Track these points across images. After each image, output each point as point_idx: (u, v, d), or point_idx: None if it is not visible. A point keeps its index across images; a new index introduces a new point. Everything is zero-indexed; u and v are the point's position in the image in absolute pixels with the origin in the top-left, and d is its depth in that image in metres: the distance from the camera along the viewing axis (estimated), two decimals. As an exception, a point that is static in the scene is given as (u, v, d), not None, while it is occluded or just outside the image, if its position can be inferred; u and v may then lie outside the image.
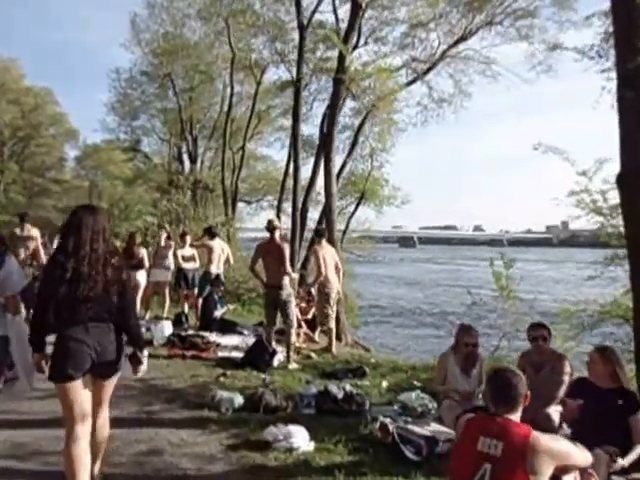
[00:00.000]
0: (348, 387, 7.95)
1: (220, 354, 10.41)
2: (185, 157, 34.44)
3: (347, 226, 25.52)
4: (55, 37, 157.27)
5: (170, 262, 13.91)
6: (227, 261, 13.71)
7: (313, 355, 10.66)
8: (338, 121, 16.50)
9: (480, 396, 6.37)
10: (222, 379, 8.58)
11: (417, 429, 6.23)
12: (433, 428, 6.34)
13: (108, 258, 4.41)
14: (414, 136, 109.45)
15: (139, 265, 13.14)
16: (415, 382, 8.91)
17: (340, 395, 7.59)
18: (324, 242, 11.84)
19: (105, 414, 4.68)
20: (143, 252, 13.47)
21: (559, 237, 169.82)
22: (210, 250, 13.24)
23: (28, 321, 4.69)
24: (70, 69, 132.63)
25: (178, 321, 12.87)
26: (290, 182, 26.99)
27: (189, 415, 7.06)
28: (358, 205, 25.46)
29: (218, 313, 12.56)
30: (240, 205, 31.40)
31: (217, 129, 32.12)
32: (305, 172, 28.58)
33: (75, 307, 4.26)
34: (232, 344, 11.17)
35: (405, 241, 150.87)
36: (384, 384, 8.81)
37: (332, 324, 11.42)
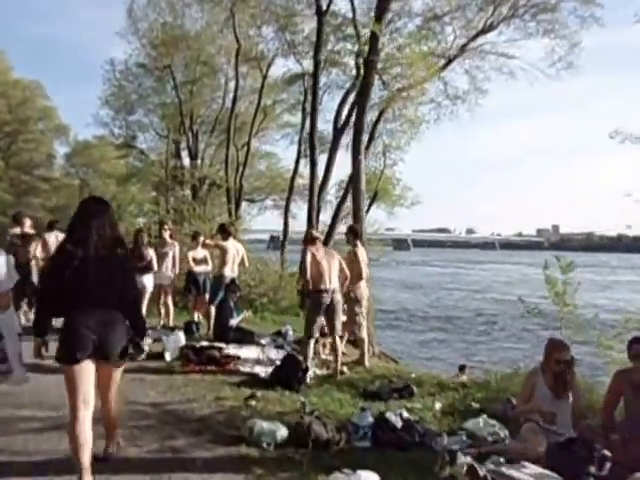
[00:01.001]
0: (405, 413, 6.74)
1: (241, 369, 9.12)
2: (184, 154, 32.90)
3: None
4: (40, 31, 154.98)
5: (172, 263, 12.68)
6: (242, 263, 12.33)
7: (345, 370, 9.37)
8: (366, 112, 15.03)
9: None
10: (252, 403, 7.26)
11: (515, 474, 5.01)
12: (532, 471, 5.09)
13: (114, 247, 4.67)
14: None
15: (148, 267, 11.86)
16: (473, 403, 7.69)
17: (399, 424, 6.37)
18: (359, 243, 10.59)
19: (114, 396, 5.01)
20: (151, 253, 12.10)
21: (550, 240, 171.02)
22: (224, 251, 11.84)
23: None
24: (56, 65, 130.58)
25: (188, 330, 11.56)
26: (298, 181, 26.01)
27: (224, 453, 5.73)
28: (371, 205, 24.23)
29: (234, 321, 11.25)
30: (243, 204, 29.87)
31: (219, 124, 30.80)
32: (307, 170, 27.66)
33: (81, 293, 4.49)
34: (252, 357, 9.88)
35: (399, 244, 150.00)
36: (437, 406, 7.61)
37: (364, 333, 10.16)
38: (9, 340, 4.94)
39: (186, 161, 32.63)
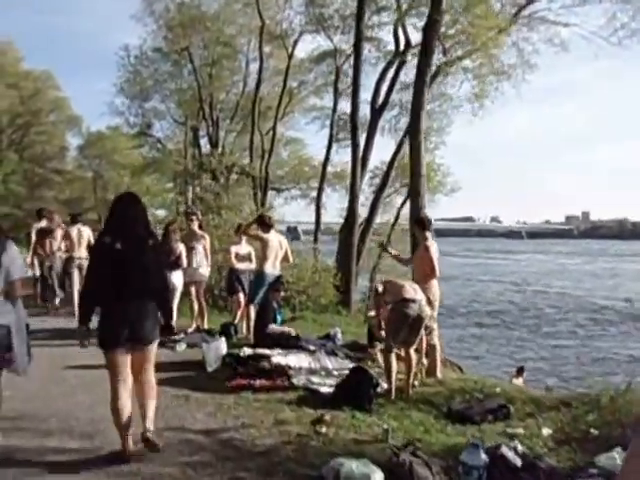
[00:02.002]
0: (520, 446, 5.35)
1: (296, 382, 7.77)
2: (203, 142, 31.72)
3: (397, 218, 22.97)
4: (51, 22, 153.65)
5: (204, 258, 11.26)
6: (286, 258, 10.91)
7: (416, 383, 7.98)
8: (425, 87, 13.37)
9: None
10: (322, 429, 5.91)
11: None
12: None
13: (148, 239, 5.03)
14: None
15: (177, 263, 10.53)
16: (592, 430, 6.22)
17: (518, 461, 5.01)
18: (429, 235, 9.13)
19: (151, 378, 5.23)
20: (181, 248, 10.72)
21: (579, 228, 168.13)
22: (265, 245, 10.36)
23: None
24: (72, 56, 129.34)
25: (226, 334, 10.16)
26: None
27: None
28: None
29: (277, 325, 9.92)
30: (269, 194, 28.35)
31: (240, 110, 29.52)
32: (337, 157, 26.25)
33: (120, 283, 4.80)
34: (304, 366, 8.52)
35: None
36: (544, 432, 6.12)
37: (437, 339, 8.75)
38: (16, 330, 5.11)
39: (205, 149, 31.36)
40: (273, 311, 9.87)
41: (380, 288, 7.96)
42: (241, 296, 11.03)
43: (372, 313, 10.13)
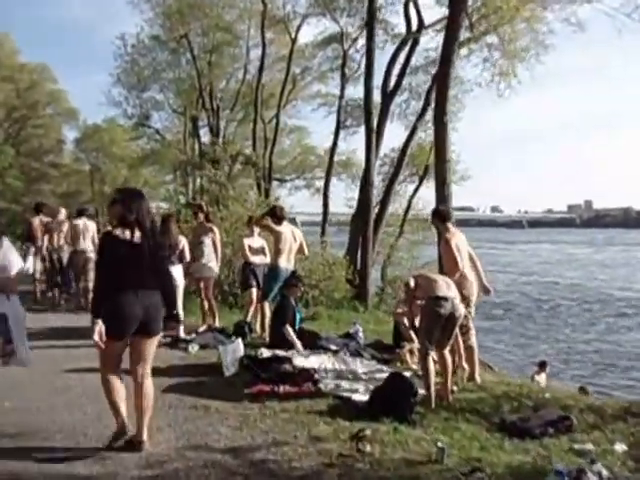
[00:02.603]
0: (604, 471, 4.62)
1: (323, 388, 7.03)
2: (202, 132, 30.99)
3: (408, 208, 22.20)
4: (45, 14, 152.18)
5: (212, 252, 10.47)
6: (301, 251, 10.18)
7: (455, 388, 7.23)
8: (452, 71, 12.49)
9: None
10: (367, 448, 5.17)
11: None
12: None
13: (153, 231, 5.09)
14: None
15: (178, 257, 9.73)
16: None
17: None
18: (453, 227, 8.39)
19: (148, 369, 5.13)
20: (183, 241, 9.92)
21: (582, 217, 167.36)
22: (278, 237, 9.61)
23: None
24: (64, 49, 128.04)
25: (240, 333, 9.42)
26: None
27: None
28: (421, 182, 22.09)
29: (297, 324, 9.18)
30: (273, 185, 27.56)
31: (241, 97, 28.71)
32: (344, 145, 25.44)
33: (129, 274, 4.86)
34: (329, 368, 7.83)
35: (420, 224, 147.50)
36: (617, 447, 5.37)
37: (474, 340, 8.02)
38: (15, 323, 5.27)
39: (205, 139, 30.70)
40: (292, 309, 9.10)
41: (412, 282, 7.18)
42: (254, 291, 10.24)
43: (400, 310, 9.43)
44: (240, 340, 8.21)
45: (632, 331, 25.37)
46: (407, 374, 7.49)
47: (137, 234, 4.91)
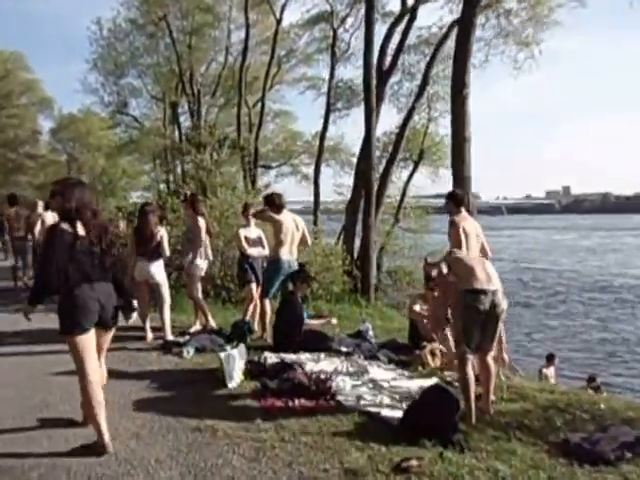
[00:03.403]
0: None
1: (343, 401, 6.10)
2: (183, 118, 30.24)
3: (403, 195, 21.31)
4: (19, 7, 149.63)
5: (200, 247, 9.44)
6: (304, 241, 9.24)
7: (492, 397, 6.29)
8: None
9: None
10: (417, 483, 4.27)
11: None
12: None
13: (96, 223, 4.87)
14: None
15: (158, 251, 8.75)
16: None
17: None
18: (464, 212, 7.68)
19: (102, 361, 5.15)
20: (163, 232, 8.92)
21: (561, 203, 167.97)
22: (279, 227, 8.68)
23: None
24: (44, 40, 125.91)
25: (239, 335, 8.49)
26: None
27: None
28: (416, 167, 21.21)
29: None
30: (258, 171, 26.57)
31: (223, 82, 27.99)
32: (332, 130, 24.60)
33: (79, 269, 4.68)
34: (344, 374, 6.95)
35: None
36: None
37: (504, 339, 7.12)
38: None
39: (186, 126, 29.88)
40: (300, 306, 8.22)
41: (444, 268, 6.21)
42: (254, 287, 9.28)
43: (417, 307, 8.51)
44: (243, 345, 7.25)
45: (634, 318, 24.77)
46: (433, 381, 6.67)
47: (80, 226, 4.74)
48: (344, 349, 8.00)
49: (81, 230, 4.75)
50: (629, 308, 27.11)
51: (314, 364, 7.25)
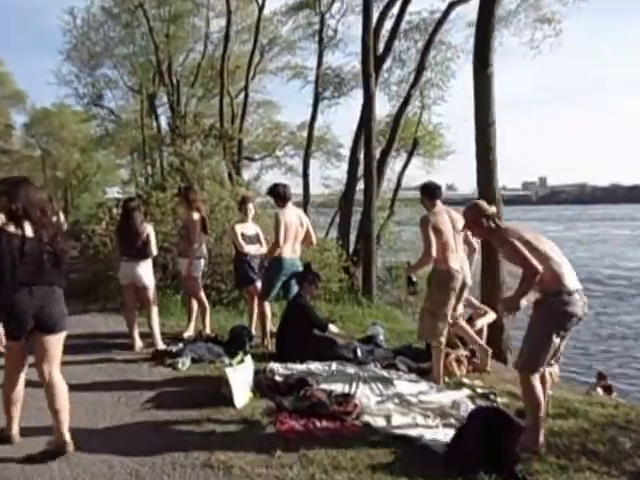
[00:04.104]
0: None
1: (371, 422, 5.30)
2: (161, 109, 29.47)
3: (398, 184, 20.58)
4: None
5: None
6: (308, 239, 8.31)
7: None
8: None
9: None
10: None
11: None
12: None
13: (45, 223, 4.71)
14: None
15: (145, 251, 7.98)
16: None
17: None
18: (440, 205, 6.87)
19: (57, 371, 4.77)
20: (150, 230, 8.11)
21: (538, 194, 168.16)
22: (281, 223, 7.79)
23: None
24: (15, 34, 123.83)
25: (238, 342, 7.65)
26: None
27: None
28: (410, 157, 20.48)
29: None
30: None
31: (202, 72, 27.32)
32: (320, 120, 23.98)
33: (20, 272, 4.51)
34: (364, 388, 6.15)
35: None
36: None
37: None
38: None
39: (163, 118, 29.54)
40: (314, 313, 7.46)
41: (539, 266, 4.71)
42: (258, 287, 8.41)
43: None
44: (250, 359, 6.35)
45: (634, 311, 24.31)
46: (465, 393, 5.92)
47: (28, 227, 4.58)
48: (358, 357, 7.20)
49: (29, 231, 4.59)
50: (629, 300, 26.74)
51: (328, 376, 6.44)
